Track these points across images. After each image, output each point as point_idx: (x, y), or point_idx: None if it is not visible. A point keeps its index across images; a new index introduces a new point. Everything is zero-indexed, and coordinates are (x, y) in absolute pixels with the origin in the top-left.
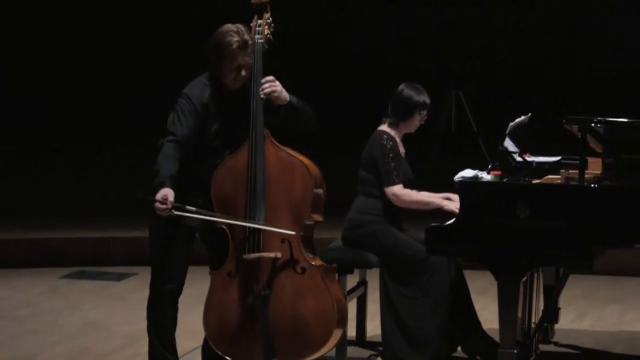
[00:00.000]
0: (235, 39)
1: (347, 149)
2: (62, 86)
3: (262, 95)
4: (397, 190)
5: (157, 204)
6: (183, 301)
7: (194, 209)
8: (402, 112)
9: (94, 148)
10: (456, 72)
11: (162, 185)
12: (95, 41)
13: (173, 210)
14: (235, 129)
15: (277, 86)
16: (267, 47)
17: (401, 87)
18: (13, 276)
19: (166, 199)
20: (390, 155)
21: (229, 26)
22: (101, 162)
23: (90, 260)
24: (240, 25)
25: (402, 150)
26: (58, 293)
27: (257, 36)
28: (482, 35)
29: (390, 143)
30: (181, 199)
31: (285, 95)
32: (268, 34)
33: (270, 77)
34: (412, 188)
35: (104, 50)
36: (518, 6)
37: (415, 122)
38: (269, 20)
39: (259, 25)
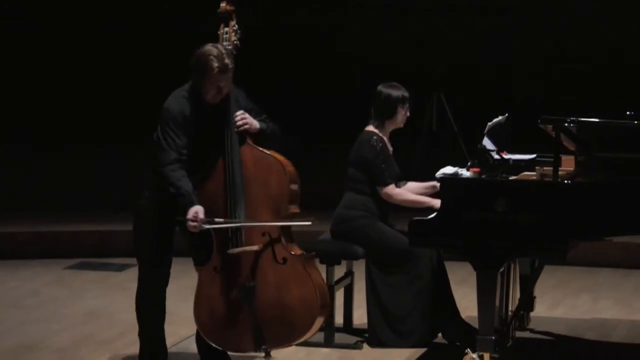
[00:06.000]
0: (216, 64)
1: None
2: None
3: (236, 130)
4: (390, 190)
5: (189, 222)
6: (180, 290)
7: (222, 220)
8: (384, 111)
9: (95, 147)
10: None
11: (191, 204)
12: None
13: (203, 225)
14: (217, 136)
15: (247, 118)
16: (235, 52)
17: (378, 88)
18: (21, 267)
19: (197, 216)
20: (381, 157)
21: (211, 49)
22: (103, 160)
23: (94, 252)
24: (220, 47)
25: (390, 148)
26: (63, 283)
27: (225, 43)
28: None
29: (380, 144)
30: (173, 209)
31: (255, 124)
32: (235, 40)
33: (240, 112)
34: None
35: (108, 51)
36: None
37: (401, 117)
38: (235, 27)
39: (226, 33)
